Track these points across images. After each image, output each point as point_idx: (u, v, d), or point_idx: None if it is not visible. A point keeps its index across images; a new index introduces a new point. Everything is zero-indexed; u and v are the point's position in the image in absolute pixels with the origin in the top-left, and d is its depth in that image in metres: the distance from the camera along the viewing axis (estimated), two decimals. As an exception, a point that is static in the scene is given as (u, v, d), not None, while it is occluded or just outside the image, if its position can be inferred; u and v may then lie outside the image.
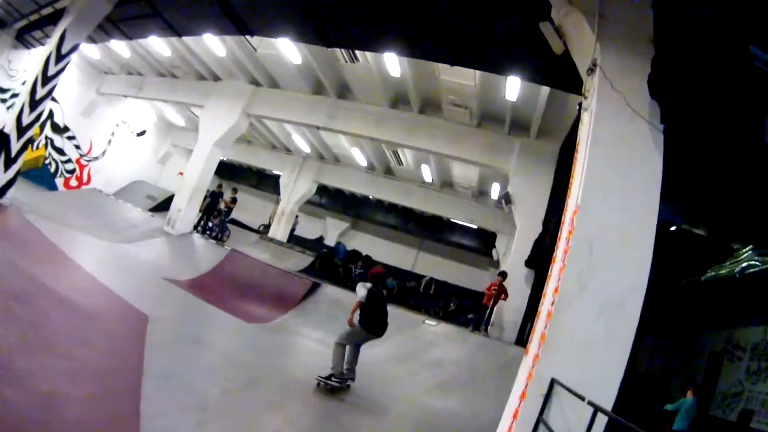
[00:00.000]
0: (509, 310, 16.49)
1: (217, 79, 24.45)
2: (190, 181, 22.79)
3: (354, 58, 17.58)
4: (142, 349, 8.68)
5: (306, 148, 29.95)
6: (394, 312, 11.62)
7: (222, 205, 23.35)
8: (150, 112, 34.34)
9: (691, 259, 16.57)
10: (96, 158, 31.87)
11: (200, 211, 23.41)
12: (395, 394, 11.17)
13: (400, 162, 26.77)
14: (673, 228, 15.20)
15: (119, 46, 24.56)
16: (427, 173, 27.08)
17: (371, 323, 10.22)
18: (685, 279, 17.65)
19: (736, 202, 12.11)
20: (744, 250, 15.14)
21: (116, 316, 10.36)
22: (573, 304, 6.44)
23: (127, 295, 11.74)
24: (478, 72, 15.60)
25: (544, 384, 6.26)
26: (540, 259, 15.60)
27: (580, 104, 8.55)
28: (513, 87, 15.20)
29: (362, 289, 10.11)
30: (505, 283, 16.01)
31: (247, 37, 16.53)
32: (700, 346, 18.99)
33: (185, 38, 20.25)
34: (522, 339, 15.57)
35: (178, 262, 18.85)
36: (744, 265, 14.91)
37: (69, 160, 30.33)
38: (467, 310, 24.05)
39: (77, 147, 30.57)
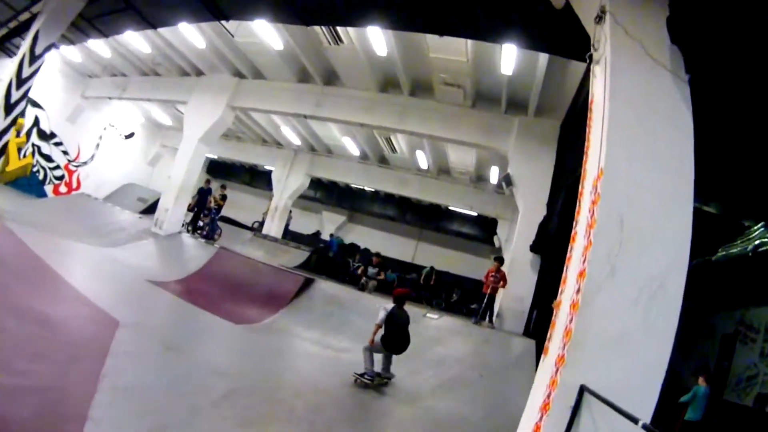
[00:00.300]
0: (509, 298, 15.42)
1: (200, 73, 23.32)
2: (176, 179, 21.75)
3: (337, 40, 16.32)
4: (103, 359, 7.53)
5: (296, 141, 28.64)
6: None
7: (212, 203, 22.15)
8: (137, 113, 33.32)
9: (701, 238, 15.18)
10: (84, 163, 30.97)
11: (189, 209, 22.42)
12: (396, 397, 9.98)
13: (393, 149, 25.42)
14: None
15: (99, 47, 23.65)
16: (422, 160, 25.70)
17: (389, 343, 10.43)
18: (695, 260, 16.24)
19: (749, 176, 11.02)
20: (756, 227, 14.27)
21: (82, 323, 9.14)
22: (604, 290, 5.16)
23: (103, 300, 10.67)
24: (470, 46, 14.41)
25: (571, 392, 4.98)
26: (547, 243, 14.45)
27: (590, 56, 7.26)
28: (508, 59, 13.87)
29: (382, 312, 10.47)
30: (504, 269, 14.98)
31: (224, 22, 15.43)
32: (712, 328, 17.96)
33: (164, 32, 19.60)
34: (529, 329, 14.56)
35: (165, 263, 17.83)
36: (756, 242, 14.09)
37: (57, 167, 29.44)
38: (470, 300, 22.94)
39: (65, 153, 29.69)
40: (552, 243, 13.86)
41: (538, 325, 14.32)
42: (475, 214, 29.27)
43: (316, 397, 8.96)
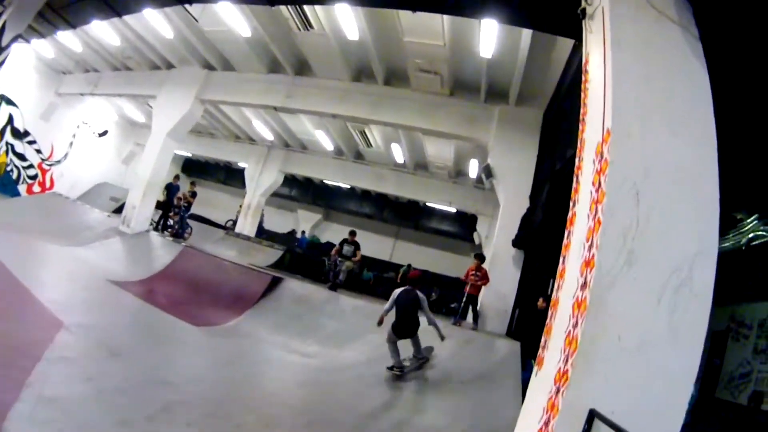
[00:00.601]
0: (491, 297, 14.15)
1: (170, 66, 22.14)
2: (144, 175, 20.61)
3: (307, 25, 15.14)
4: (33, 365, 6.47)
5: (269, 136, 27.42)
6: (369, 307, 11.17)
7: (181, 200, 21.07)
8: (111, 111, 31.95)
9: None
10: (58, 162, 29.60)
11: (157, 207, 21.34)
12: (366, 408, 8.73)
13: (368, 144, 24.21)
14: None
15: (70, 40, 22.47)
16: (398, 154, 24.43)
17: (396, 328, 10.16)
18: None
19: (743, 164, 9.86)
20: (749, 220, 13.24)
21: (21, 325, 8.08)
22: (619, 284, 3.93)
23: (53, 301, 9.63)
24: (447, 28, 13.29)
25: (578, 419, 3.73)
26: (531, 237, 13.36)
27: (582, 11, 6.10)
28: (488, 40, 12.71)
29: (391, 299, 10.34)
30: (485, 266, 13.87)
31: (189, 8, 14.53)
32: (702, 325, 17.09)
33: (132, 24, 18.59)
34: (511, 329, 13.46)
35: (129, 263, 16.62)
36: (750, 236, 13.13)
37: (31, 166, 28.06)
38: (450, 299, 21.97)
39: (38, 151, 28.30)
40: (536, 237, 12.81)
41: (520, 325, 13.28)
42: (454, 210, 28.19)
43: (272, 408, 7.77)
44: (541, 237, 12.23)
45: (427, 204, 29.66)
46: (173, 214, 21.30)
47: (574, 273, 4.29)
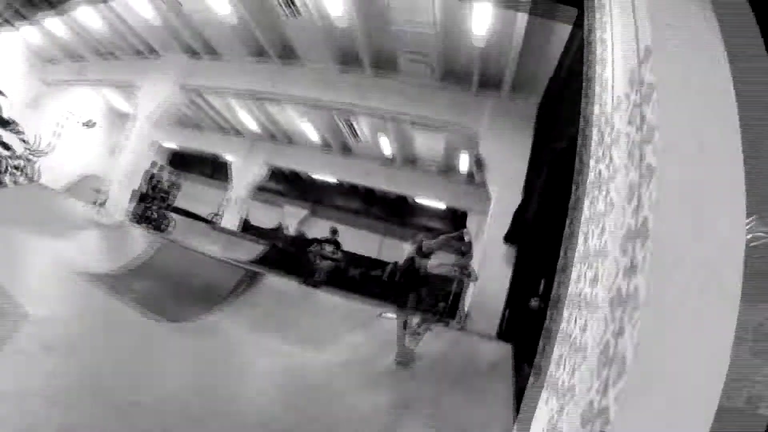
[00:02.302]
0: (482, 296, 13.04)
1: (153, 52, 21.18)
2: (122, 163, 20.51)
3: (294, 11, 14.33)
4: None
5: (255, 127, 26.27)
6: (347, 306, 10.37)
7: (161, 192, 20.49)
8: (98, 102, 30.96)
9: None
10: (45, 153, 27.97)
11: (135, 197, 20.28)
12: None
13: (355, 134, 23.03)
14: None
15: (55, 25, 21.79)
16: (386, 146, 23.20)
17: None
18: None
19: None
20: None
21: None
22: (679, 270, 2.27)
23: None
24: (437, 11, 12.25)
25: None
26: (524, 231, 12.17)
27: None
28: (482, 21, 11.78)
29: None
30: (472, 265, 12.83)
31: None
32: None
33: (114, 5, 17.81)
34: (503, 331, 12.24)
35: (99, 254, 14.96)
36: None
37: (18, 157, 26.21)
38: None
39: (24, 141, 26.43)
40: (530, 230, 11.62)
41: (512, 326, 12.06)
42: (443, 207, 27.13)
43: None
44: (537, 230, 11.06)
45: (416, 200, 28.58)
46: (154, 205, 20.43)
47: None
